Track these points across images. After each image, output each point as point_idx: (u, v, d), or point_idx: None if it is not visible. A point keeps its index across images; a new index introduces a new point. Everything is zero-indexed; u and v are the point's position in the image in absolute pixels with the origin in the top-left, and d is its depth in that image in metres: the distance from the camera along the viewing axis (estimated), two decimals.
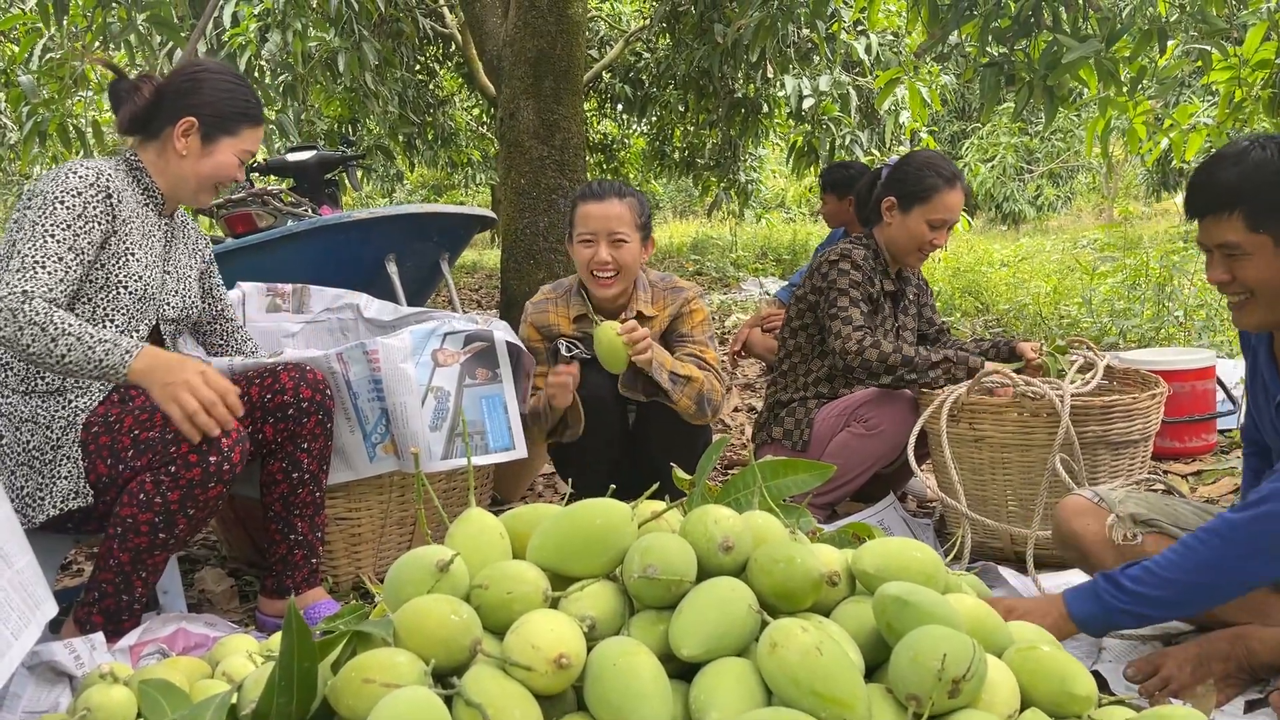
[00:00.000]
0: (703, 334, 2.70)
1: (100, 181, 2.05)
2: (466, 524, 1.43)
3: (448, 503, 2.54)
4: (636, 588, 1.32)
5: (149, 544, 1.95)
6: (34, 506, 2.00)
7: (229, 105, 2.21)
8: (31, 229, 1.97)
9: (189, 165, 2.20)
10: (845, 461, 2.60)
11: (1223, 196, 1.72)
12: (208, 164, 2.21)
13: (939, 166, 2.73)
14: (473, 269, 12.23)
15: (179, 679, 1.58)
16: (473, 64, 8.37)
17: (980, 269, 8.35)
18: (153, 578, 2.01)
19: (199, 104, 2.19)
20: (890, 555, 1.40)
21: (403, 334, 2.35)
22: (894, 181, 2.77)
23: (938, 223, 2.72)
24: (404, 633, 1.22)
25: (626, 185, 2.67)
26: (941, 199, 2.70)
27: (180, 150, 2.18)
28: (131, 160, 2.20)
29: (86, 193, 2.02)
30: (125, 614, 2.00)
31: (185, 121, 2.17)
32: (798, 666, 1.17)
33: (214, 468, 1.93)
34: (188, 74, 2.24)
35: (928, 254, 2.82)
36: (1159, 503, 1.95)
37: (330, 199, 4.72)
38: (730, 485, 1.67)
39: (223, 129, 2.21)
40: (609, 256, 2.57)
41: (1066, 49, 3.53)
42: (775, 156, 14.80)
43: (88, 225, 2.02)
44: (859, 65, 7.38)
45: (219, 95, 2.21)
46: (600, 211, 2.56)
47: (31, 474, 2.01)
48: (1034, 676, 1.30)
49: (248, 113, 2.24)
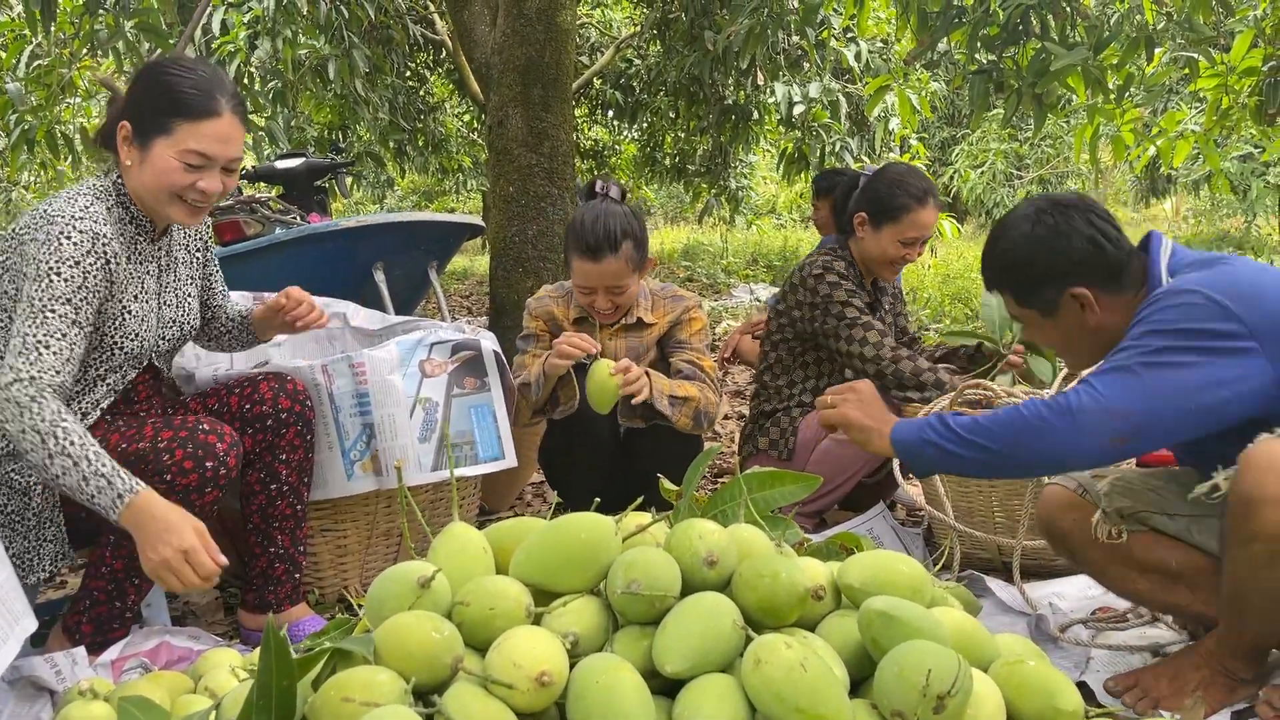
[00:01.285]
0: (700, 342, 2.70)
1: (97, 247, 1.87)
2: (449, 539, 1.42)
3: (435, 513, 2.53)
4: (620, 603, 1.31)
5: None
6: (25, 567, 1.94)
7: (159, 99, 1.88)
8: (29, 305, 1.81)
9: (136, 177, 1.94)
10: (829, 469, 2.60)
11: (991, 279, 1.87)
12: (148, 173, 1.91)
13: (909, 184, 2.71)
14: (463, 275, 12.21)
15: (160, 695, 1.57)
16: (463, 70, 8.36)
17: (970, 275, 8.37)
18: (145, 585, 1.99)
19: (130, 102, 1.93)
20: (876, 569, 1.39)
21: (389, 345, 2.34)
22: (866, 198, 2.77)
23: (909, 240, 2.73)
24: (384, 650, 1.21)
25: (622, 220, 2.52)
26: (912, 218, 2.70)
27: (125, 161, 1.94)
28: (119, 185, 1.99)
29: (84, 261, 1.85)
30: (116, 621, 1.97)
31: (122, 127, 1.92)
32: (782, 683, 1.16)
33: (210, 473, 1.91)
34: (138, 73, 2.00)
35: (901, 268, 2.83)
36: (1143, 487, 1.89)
37: (320, 206, 4.71)
38: (717, 497, 1.66)
39: (154, 128, 1.89)
40: (609, 304, 2.57)
41: (1055, 56, 3.54)
42: (766, 163, 14.80)
43: (87, 295, 1.86)
44: (849, 72, 7.39)
45: (151, 90, 1.90)
46: (595, 270, 2.51)
47: (16, 537, 1.94)
48: (1020, 691, 1.29)
49: (181, 105, 1.87)
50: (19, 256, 1.88)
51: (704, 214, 13.38)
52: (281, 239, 3.82)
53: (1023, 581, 2.21)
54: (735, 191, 10.49)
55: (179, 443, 1.90)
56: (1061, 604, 2.20)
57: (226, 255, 3.83)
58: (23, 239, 1.88)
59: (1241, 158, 11.40)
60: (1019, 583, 2.20)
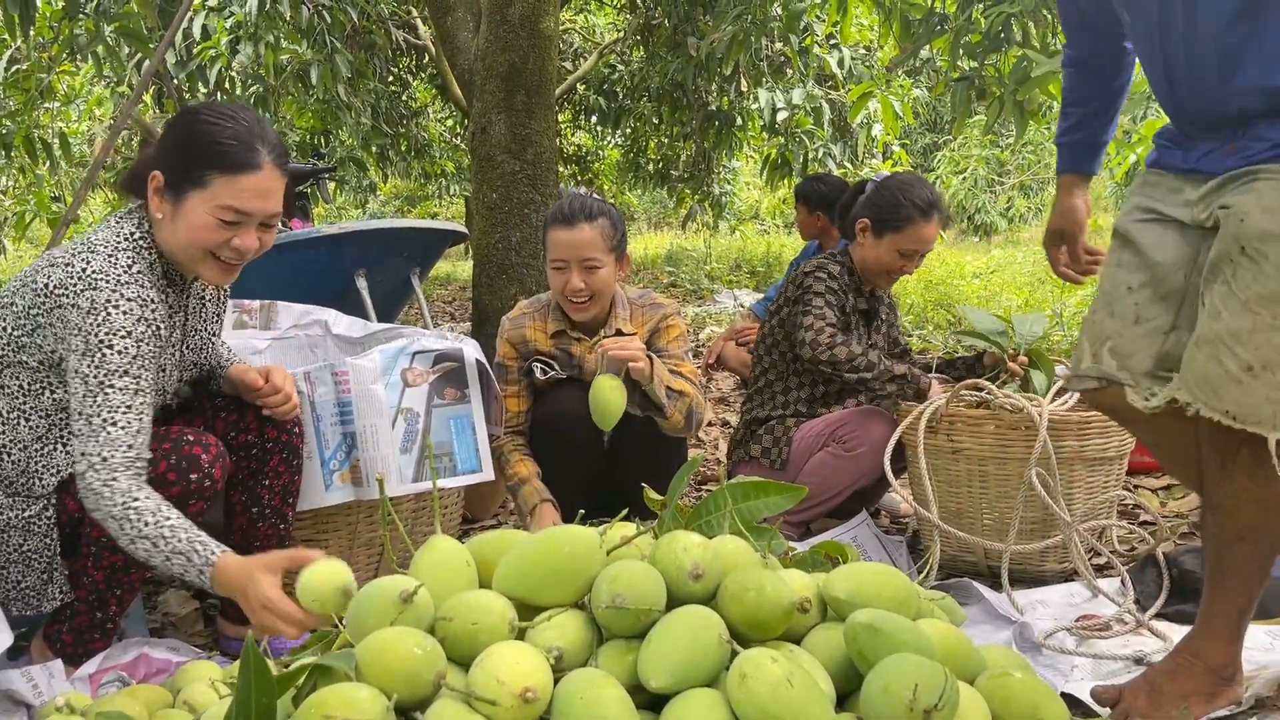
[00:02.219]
0: (679, 349, 2.69)
1: (146, 314, 1.78)
2: (431, 552, 1.41)
3: (417, 524, 2.51)
4: (605, 617, 1.30)
5: (125, 562, 1.89)
6: (36, 599, 1.93)
7: (194, 149, 1.78)
8: (83, 383, 1.74)
9: (168, 231, 1.83)
10: (822, 481, 2.60)
11: None
12: (181, 228, 1.80)
13: (915, 196, 2.70)
14: (446, 281, 12.18)
15: (138, 709, 1.55)
16: (446, 76, 8.35)
17: (952, 281, 8.40)
18: (128, 596, 1.96)
19: (163, 151, 1.82)
20: (862, 581, 1.39)
21: (372, 354, 2.32)
22: (871, 204, 2.76)
23: (909, 252, 2.72)
24: (366, 666, 1.20)
25: (599, 202, 2.59)
26: (915, 230, 2.69)
27: (156, 213, 1.83)
28: (150, 236, 1.86)
29: (135, 330, 1.76)
30: (98, 632, 1.95)
31: (153, 177, 1.81)
32: (768, 699, 1.15)
33: (194, 485, 1.89)
34: (172, 119, 1.88)
35: (897, 278, 2.82)
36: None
37: (301, 212, 4.69)
38: (701, 507, 1.66)
39: (187, 180, 1.78)
40: (582, 283, 2.54)
41: (1036, 64, 3.56)
42: (749, 169, 14.86)
43: (143, 363, 1.78)
44: (832, 79, 7.43)
45: (186, 138, 1.79)
46: (570, 238, 2.52)
47: (29, 572, 1.92)
48: (1006, 704, 1.29)
49: (218, 157, 1.77)
50: (58, 321, 1.78)
51: (687, 220, 13.41)
52: None
53: (1011, 587, 2.21)
54: (718, 197, 10.52)
55: (163, 455, 1.87)
56: (1045, 611, 2.20)
57: None
58: (60, 301, 1.77)
59: None
60: (1007, 588, 2.20)
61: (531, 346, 2.67)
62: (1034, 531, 2.38)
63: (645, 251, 13.93)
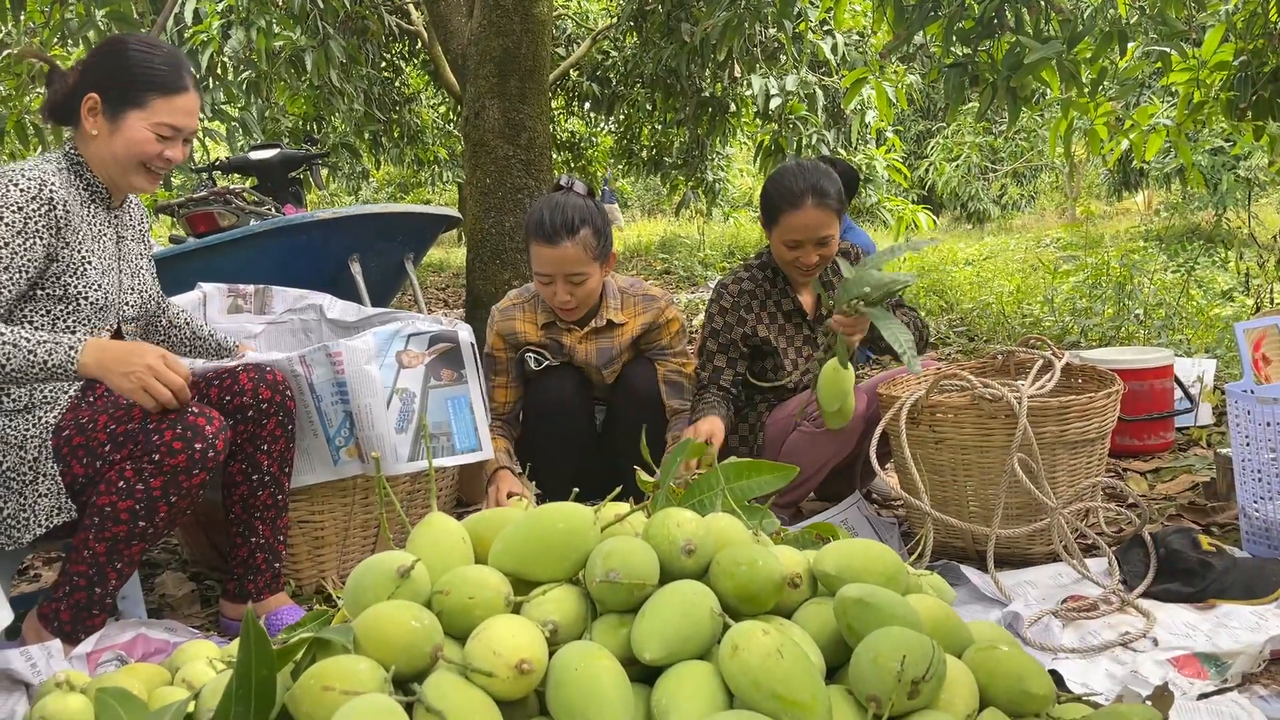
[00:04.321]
0: (680, 344, 2.72)
1: (44, 193, 1.95)
2: (428, 529, 1.43)
3: (413, 504, 2.53)
4: (599, 592, 1.32)
5: (127, 533, 1.92)
6: (18, 528, 1.96)
7: (131, 74, 2.03)
8: None
9: (103, 146, 2.06)
10: (799, 460, 2.60)
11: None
12: (119, 143, 2.04)
13: (788, 185, 2.61)
14: (439, 268, 12.16)
15: (137, 687, 1.56)
16: (438, 61, 8.33)
17: (944, 268, 8.42)
18: (127, 570, 1.98)
19: (101, 77, 2.04)
20: (851, 556, 1.40)
21: (366, 336, 2.33)
22: (761, 200, 2.72)
23: (793, 242, 2.64)
24: (364, 639, 1.21)
25: (579, 207, 2.53)
26: (788, 220, 2.61)
27: (91, 131, 2.05)
28: (72, 155, 2.09)
29: (28, 207, 1.93)
30: (96, 608, 1.97)
31: (88, 99, 2.04)
32: (759, 669, 1.17)
33: (198, 454, 1.92)
34: (99, 48, 2.11)
35: (807, 271, 2.70)
36: None
37: (294, 198, 4.68)
38: (694, 487, 1.68)
39: (127, 101, 2.03)
40: (568, 296, 2.55)
41: (1029, 50, 3.57)
42: (743, 155, 14.85)
43: (29, 241, 1.93)
44: (825, 65, 7.42)
45: (121, 64, 2.04)
46: (553, 255, 2.51)
47: (10, 495, 1.97)
48: (992, 676, 1.31)
49: (154, 80, 2.04)
50: None
51: (681, 206, 13.42)
52: (256, 230, 3.79)
53: (997, 570, 2.23)
54: (712, 184, 10.51)
55: (168, 424, 1.92)
56: (1033, 592, 2.23)
57: (201, 247, 3.80)
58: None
59: (1213, 151, 11.52)
60: (993, 571, 2.23)
61: (521, 338, 2.68)
62: (1020, 516, 2.40)
63: (639, 239, 13.92)
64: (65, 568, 1.96)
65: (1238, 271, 6.92)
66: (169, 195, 5.90)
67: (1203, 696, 1.71)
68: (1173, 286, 5.99)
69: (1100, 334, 5.18)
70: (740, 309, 2.74)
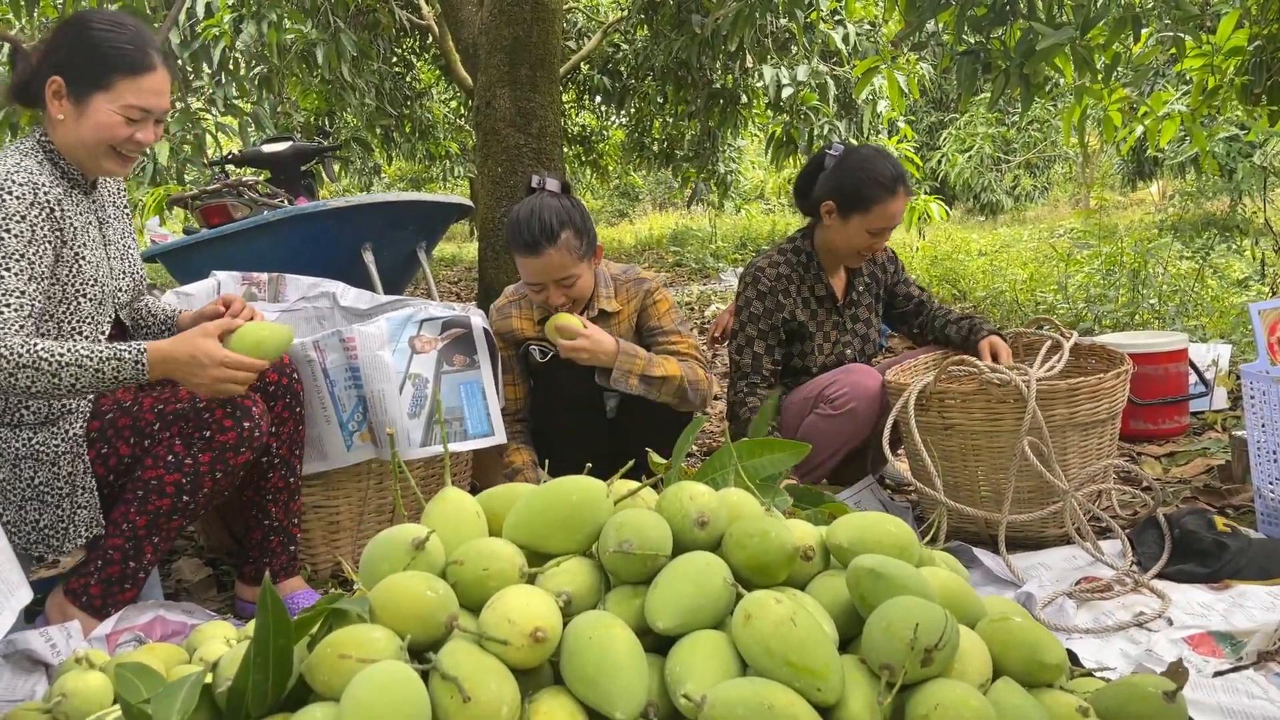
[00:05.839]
0: (672, 322, 2.67)
1: (40, 198, 1.88)
2: (443, 503, 1.43)
3: (426, 489, 2.54)
4: (612, 563, 1.32)
5: (170, 506, 1.95)
6: (58, 538, 1.97)
7: (95, 54, 1.92)
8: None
9: (70, 131, 1.95)
10: (815, 443, 2.60)
11: None
12: (86, 127, 1.94)
13: (879, 172, 2.60)
14: (452, 262, 12.19)
15: (156, 665, 1.57)
16: (449, 55, 8.34)
17: (957, 257, 8.39)
18: (164, 546, 2.01)
19: (63, 59, 1.93)
20: (864, 529, 1.41)
21: (379, 321, 2.34)
22: (833, 184, 2.67)
23: (877, 230, 2.65)
24: (380, 609, 1.22)
25: (555, 209, 2.48)
26: (883, 208, 2.61)
27: (57, 115, 1.95)
28: (44, 143, 1.99)
29: (30, 214, 1.86)
30: (129, 582, 1.99)
31: (52, 81, 1.93)
32: (771, 637, 1.18)
33: (246, 432, 1.98)
34: (60, 26, 1.99)
35: (868, 256, 2.74)
36: None
37: (307, 191, 4.70)
38: (708, 465, 1.68)
39: (92, 83, 1.92)
40: (563, 299, 2.55)
41: (1042, 37, 3.54)
42: (754, 147, 14.83)
43: (39, 248, 1.87)
44: (836, 55, 7.40)
45: (84, 44, 1.93)
46: (538, 265, 2.49)
47: (46, 509, 1.95)
48: (1005, 646, 1.31)
49: (120, 60, 1.92)
50: None
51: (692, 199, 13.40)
52: (270, 219, 3.81)
53: (1009, 554, 2.23)
54: (724, 176, 10.50)
55: (218, 402, 1.97)
56: (1047, 574, 2.22)
57: (214, 236, 3.83)
58: None
59: (1228, 139, 11.45)
60: (1004, 554, 2.22)
61: (519, 336, 2.69)
62: (1033, 499, 2.39)
63: (650, 232, 13.93)
64: (100, 544, 1.98)
65: (1254, 258, 6.88)
66: (182, 189, 5.92)
67: (1218, 674, 1.71)
68: (1188, 274, 5.95)
69: (1114, 320, 5.16)
70: (779, 293, 2.73)
